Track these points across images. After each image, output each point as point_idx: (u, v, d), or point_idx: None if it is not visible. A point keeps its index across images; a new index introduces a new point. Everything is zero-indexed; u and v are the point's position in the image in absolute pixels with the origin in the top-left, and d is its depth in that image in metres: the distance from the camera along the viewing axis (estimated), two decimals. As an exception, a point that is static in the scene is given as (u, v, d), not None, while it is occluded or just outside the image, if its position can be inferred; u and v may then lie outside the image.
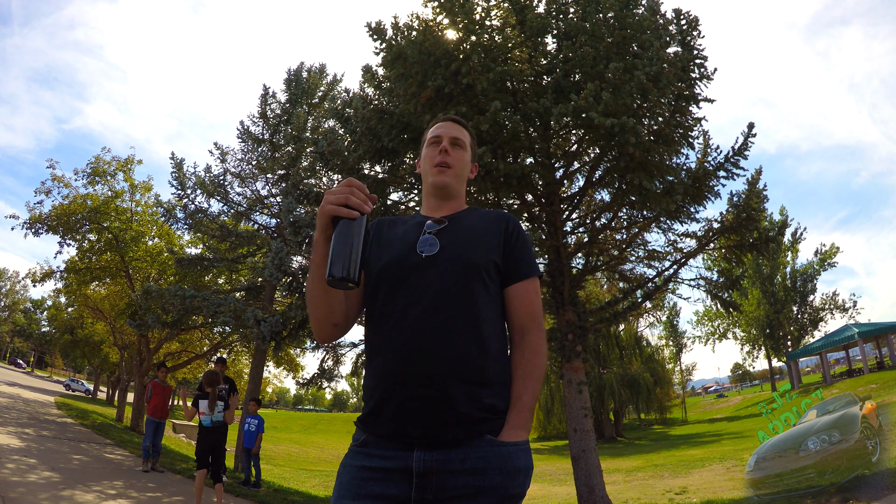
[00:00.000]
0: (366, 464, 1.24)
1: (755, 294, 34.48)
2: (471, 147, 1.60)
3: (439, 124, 1.58)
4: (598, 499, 6.38)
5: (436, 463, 1.19)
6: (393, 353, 1.26)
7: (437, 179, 1.50)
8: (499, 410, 1.26)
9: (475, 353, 1.26)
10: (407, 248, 1.38)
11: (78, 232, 14.22)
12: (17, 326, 57.70)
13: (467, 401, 1.22)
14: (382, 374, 1.27)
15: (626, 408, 29.68)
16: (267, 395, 49.66)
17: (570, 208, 7.99)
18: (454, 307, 1.27)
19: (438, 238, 1.38)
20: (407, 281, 1.32)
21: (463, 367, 1.23)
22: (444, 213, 1.51)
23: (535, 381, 1.32)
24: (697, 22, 6.38)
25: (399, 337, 1.26)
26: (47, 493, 5.42)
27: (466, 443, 1.21)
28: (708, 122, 6.91)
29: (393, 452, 1.22)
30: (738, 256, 7.90)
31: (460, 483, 1.18)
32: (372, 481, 1.21)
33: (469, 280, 1.31)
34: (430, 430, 1.20)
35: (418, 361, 1.23)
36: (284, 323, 9.44)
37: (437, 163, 1.51)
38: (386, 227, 1.52)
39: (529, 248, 1.45)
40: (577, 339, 6.91)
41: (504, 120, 6.03)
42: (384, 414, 1.24)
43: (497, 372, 1.30)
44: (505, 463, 1.21)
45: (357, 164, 7.39)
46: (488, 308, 1.33)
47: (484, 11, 6.42)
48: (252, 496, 7.53)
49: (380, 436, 1.26)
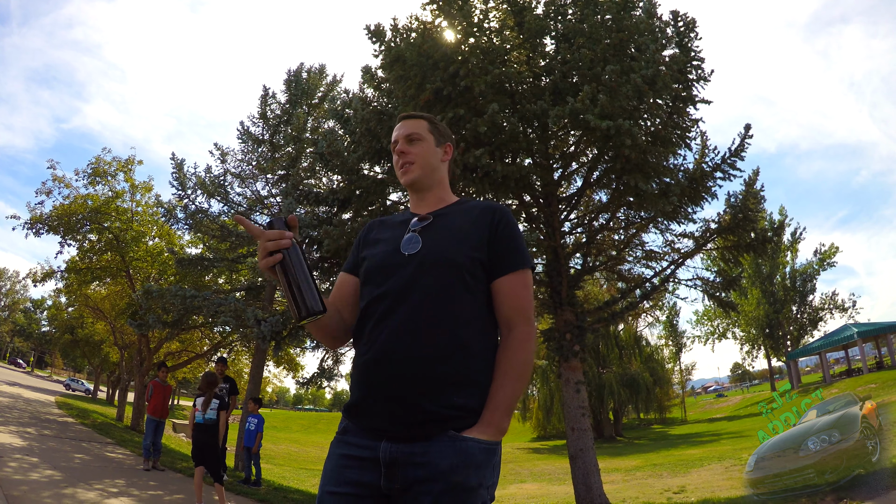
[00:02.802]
0: (345, 452, 1.31)
1: (755, 294, 34.48)
2: (432, 131, 1.58)
3: (395, 128, 1.61)
4: (596, 497, 6.42)
5: (400, 454, 1.24)
6: (371, 352, 1.31)
7: (404, 179, 1.55)
8: (471, 409, 1.28)
9: (451, 354, 1.28)
10: (392, 248, 1.42)
11: (78, 232, 14.25)
12: (18, 326, 57.74)
13: (437, 401, 1.25)
14: (362, 372, 1.32)
15: (626, 407, 29.70)
16: (267, 395, 49.69)
17: (568, 209, 8.03)
18: (433, 307, 1.30)
19: (421, 236, 1.41)
20: (389, 281, 1.36)
21: (436, 368, 1.26)
22: (427, 206, 1.54)
23: (513, 379, 1.30)
24: (694, 24, 6.41)
25: (378, 337, 1.31)
26: (50, 492, 5.46)
27: (430, 437, 1.24)
28: (705, 122, 6.95)
29: (366, 442, 1.28)
30: (736, 257, 7.93)
31: (419, 475, 1.22)
32: (349, 469, 1.28)
33: (449, 279, 1.33)
34: (396, 427, 1.25)
35: (392, 362, 1.27)
36: (284, 323, 9.46)
37: (399, 165, 1.56)
38: (375, 228, 1.57)
39: (517, 240, 1.42)
40: (575, 338, 6.95)
41: (502, 121, 6.06)
42: (360, 408, 1.31)
43: (477, 371, 1.31)
44: (462, 457, 1.22)
45: (356, 164, 7.43)
46: (470, 307, 1.33)
47: (482, 13, 6.45)
48: (252, 495, 7.57)
49: (356, 426, 1.32)
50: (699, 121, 6.62)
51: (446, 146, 1.61)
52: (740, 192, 7.45)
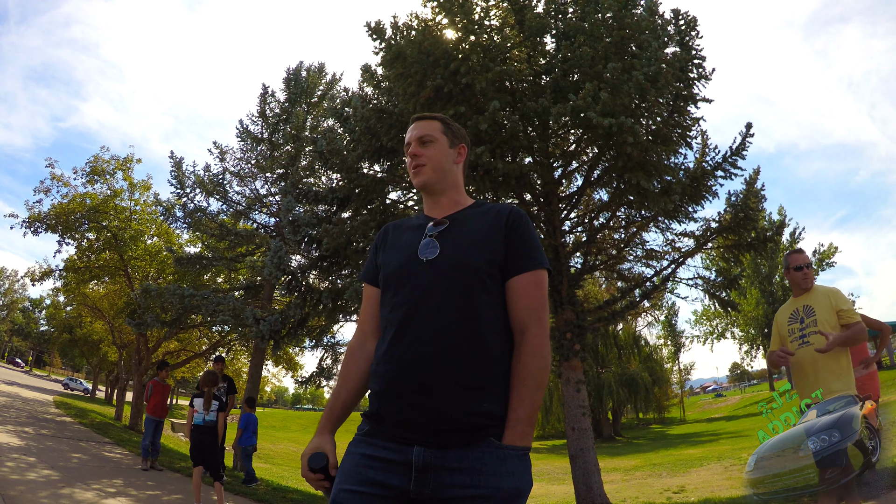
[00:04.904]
0: (368, 452, 1.28)
1: (754, 293, 34.51)
2: (445, 132, 1.55)
3: (408, 129, 1.59)
4: (596, 497, 6.40)
5: (434, 459, 1.22)
6: (392, 361, 1.30)
7: (416, 182, 1.53)
8: (497, 416, 1.27)
9: (473, 359, 1.27)
10: (410, 254, 1.40)
11: (77, 231, 14.20)
12: (16, 325, 57.63)
13: (462, 408, 1.24)
14: (384, 382, 1.31)
15: (625, 407, 29.75)
16: (266, 394, 49.73)
17: (568, 208, 8.01)
18: (453, 313, 1.29)
19: (439, 241, 1.39)
20: (408, 287, 1.35)
21: (459, 374, 1.25)
22: (442, 208, 1.52)
23: (531, 389, 1.28)
24: (696, 22, 6.40)
25: (398, 345, 1.30)
26: (47, 492, 5.42)
27: (464, 445, 1.23)
28: (706, 121, 6.94)
29: (395, 445, 1.26)
30: (736, 256, 7.92)
31: (457, 481, 1.20)
32: (373, 469, 1.25)
33: (469, 283, 1.32)
34: (426, 435, 1.24)
35: (415, 370, 1.26)
36: (283, 322, 9.44)
37: (411, 167, 1.53)
38: (391, 232, 1.55)
39: (532, 240, 1.41)
40: (575, 338, 6.93)
41: (503, 119, 6.04)
42: (386, 420, 1.29)
43: (500, 375, 1.30)
44: (504, 465, 1.22)
45: (356, 163, 7.40)
46: (490, 310, 1.32)
47: (483, 11, 6.42)
48: (252, 494, 7.54)
49: (383, 430, 1.30)
50: (700, 119, 6.61)
51: (460, 147, 1.58)
52: (741, 192, 7.44)
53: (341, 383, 1.46)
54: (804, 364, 3.37)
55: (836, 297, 3.32)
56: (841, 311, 3.26)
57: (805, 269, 3.41)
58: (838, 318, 3.26)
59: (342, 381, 1.46)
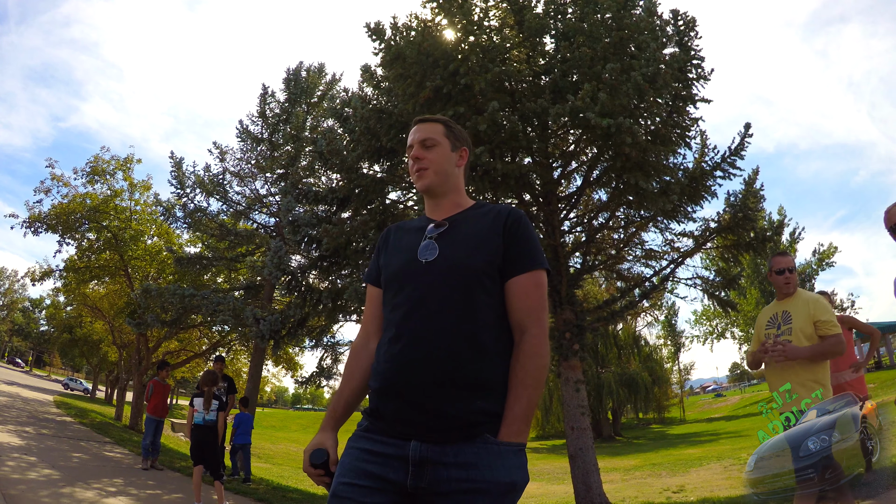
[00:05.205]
0: (367, 447, 1.31)
1: (753, 293, 34.46)
2: (447, 135, 1.56)
3: (410, 132, 1.60)
4: (595, 497, 6.41)
5: (431, 454, 1.24)
6: (391, 361, 1.32)
7: (419, 185, 1.55)
8: (493, 414, 1.29)
9: (471, 359, 1.28)
10: (410, 256, 1.42)
11: (77, 231, 14.22)
12: (16, 325, 57.64)
13: (460, 406, 1.26)
14: (383, 380, 1.33)
15: (625, 407, 29.74)
16: (266, 394, 49.69)
17: (567, 208, 8.02)
18: (452, 313, 1.31)
19: (438, 243, 1.41)
20: (408, 288, 1.37)
21: (457, 374, 1.27)
22: (443, 211, 1.53)
23: (529, 388, 1.30)
24: (695, 23, 6.40)
25: (398, 345, 1.32)
26: (47, 491, 5.44)
27: (461, 440, 1.25)
28: (705, 121, 6.95)
29: (392, 440, 1.28)
30: (735, 256, 7.93)
31: (453, 476, 1.23)
32: (371, 463, 1.28)
33: (467, 285, 1.33)
34: (423, 432, 1.26)
35: (414, 370, 1.29)
36: (283, 321, 9.46)
37: (413, 170, 1.55)
38: (393, 234, 1.58)
39: (531, 240, 1.43)
40: (574, 337, 6.94)
41: (502, 120, 6.05)
42: (384, 416, 1.32)
43: (498, 374, 1.32)
44: (500, 459, 1.24)
45: (355, 163, 7.41)
46: (489, 311, 1.34)
47: (482, 12, 6.44)
48: (251, 494, 7.55)
49: (381, 426, 1.32)
50: (699, 119, 6.63)
51: (462, 150, 1.59)
52: (740, 192, 7.45)
53: (344, 381, 1.49)
54: (774, 364, 3.34)
55: (816, 306, 3.21)
56: (819, 321, 3.15)
57: (787, 273, 3.31)
58: (815, 329, 3.16)
59: (345, 380, 1.49)
